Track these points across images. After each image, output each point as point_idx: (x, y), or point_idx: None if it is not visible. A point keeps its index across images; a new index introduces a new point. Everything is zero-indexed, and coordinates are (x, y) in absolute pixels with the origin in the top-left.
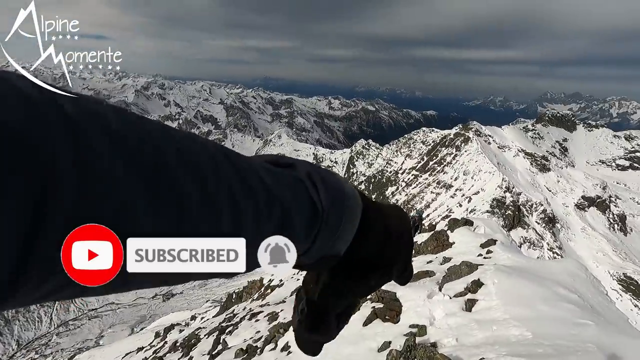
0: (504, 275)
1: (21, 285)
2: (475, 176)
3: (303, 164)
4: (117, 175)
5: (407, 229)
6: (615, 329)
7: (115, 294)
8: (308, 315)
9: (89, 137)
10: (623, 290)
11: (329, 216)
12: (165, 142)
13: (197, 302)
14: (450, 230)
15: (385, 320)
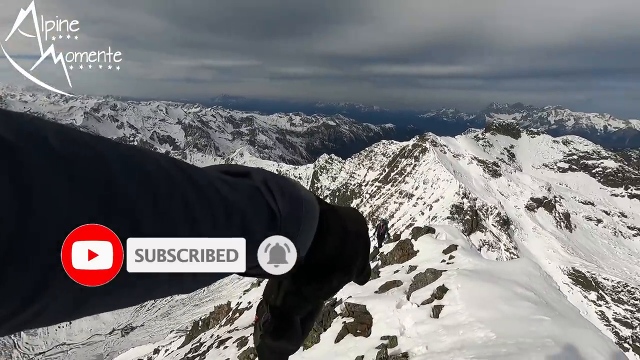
0: (466, 279)
1: None
2: (434, 184)
3: (258, 171)
4: (61, 197)
5: (364, 229)
6: (568, 322)
7: (97, 314)
8: (272, 323)
9: (27, 159)
10: (573, 284)
11: (287, 221)
12: (113, 157)
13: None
14: (414, 239)
15: (356, 335)
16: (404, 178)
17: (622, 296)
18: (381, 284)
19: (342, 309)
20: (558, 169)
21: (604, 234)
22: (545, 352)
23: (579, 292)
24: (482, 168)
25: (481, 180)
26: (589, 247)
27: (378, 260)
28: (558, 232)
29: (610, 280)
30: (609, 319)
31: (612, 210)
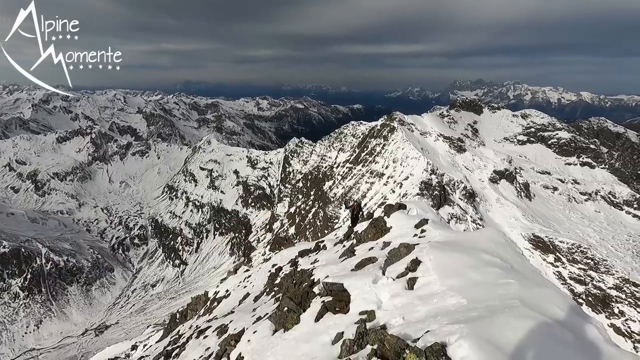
0: (437, 251)
1: None
2: (403, 163)
3: None
4: None
5: None
6: (531, 283)
7: None
8: None
9: None
10: (533, 248)
11: None
12: None
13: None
14: (386, 216)
15: (335, 312)
16: (374, 158)
17: (576, 257)
18: (357, 262)
19: (320, 289)
20: (518, 141)
21: (559, 200)
22: (512, 312)
23: (539, 256)
24: (448, 144)
25: (447, 156)
26: (546, 214)
27: (353, 239)
28: (519, 202)
29: (566, 242)
30: (565, 278)
31: (566, 178)
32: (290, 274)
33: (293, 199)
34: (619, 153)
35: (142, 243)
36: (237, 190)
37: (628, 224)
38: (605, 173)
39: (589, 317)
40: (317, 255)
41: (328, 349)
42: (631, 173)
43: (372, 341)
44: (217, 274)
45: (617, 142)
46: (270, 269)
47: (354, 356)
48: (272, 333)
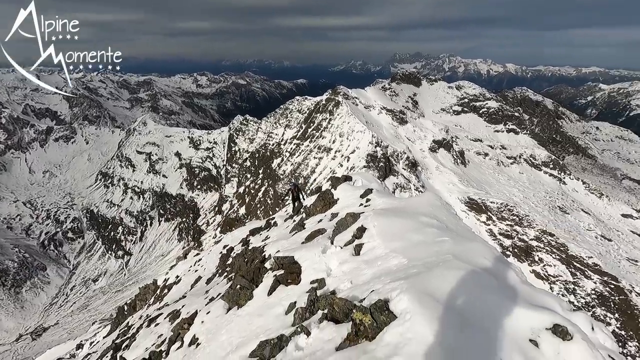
0: (381, 218)
1: None
2: (349, 137)
3: None
4: None
5: None
6: (463, 239)
7: None
8: None
9: None
10: (469, 210)
11: None
12: None
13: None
14: (333, 189)
15: (287, 284)
16: (321, 133)
17: (504, 215)
18: (307, 235)
19: (271, 264)
20: (453, 112)
21: (490, 165)
22: (446, 265)
23: (473, 216)
24: (391, 117)
25: (391, 128)
26: (479, 178)
27: (302, 213)
28: (455, 168)
29: (495, 203)
30: (495, 234)
31: (495, 144)
32: (242, 253)
33: (241, 178)
34: (538, 119)
35: (77, 237)
36: (181, 173)
37: (545, 183)
38: (527, 138)
39: (510, 264)
40: (268, 232)
41: (282, 319)
42: (548, 137)
43: (323, 306)
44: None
45: (536, 109)
46: (222, 251)
47: (306, 322)
48: (225, 311)
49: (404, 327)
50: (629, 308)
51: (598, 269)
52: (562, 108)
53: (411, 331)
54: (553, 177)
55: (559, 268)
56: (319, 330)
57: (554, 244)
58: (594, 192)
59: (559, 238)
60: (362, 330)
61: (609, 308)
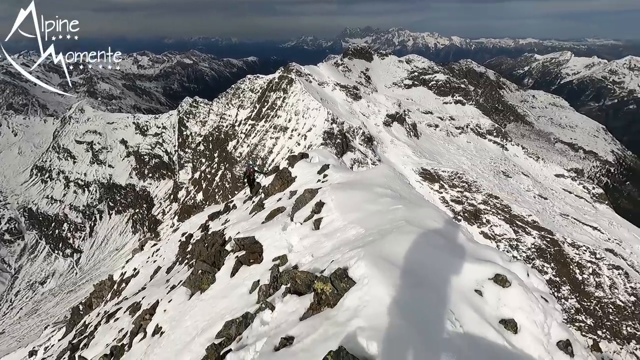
0: (338, 191)
1: None
2: (305, 114)
3: None
4: None
5: None
6: (415, 206)
7: None
8: None
9: None
10: (423, 180)
11: None
12: None
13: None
14: (291, 167)
15: (250, 264)
16: (276, 112)
17: (455, 182)
18: (267, 214)
19: (232, 246)
20: (404, 85)
21: (440, 136)
22: (399, 230)
23: (427, 186)
24: (345, 93)
25: (345, 104)
26: (431, 149)
27: (261, 194)
28: (409, 141)
29: (447, 172)
30: (448, 201)
31: (444, 115)
32: (201, 239)
33: (196, 163)
34: (482, 90)
35: (15, 238)
36: (129, 161)
37: (490, 150)
38: (473, 108)
39: (458, 225)
40: (228, 216)
41: (246, 298)
42: (491, 107)
43: (286, 281)
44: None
45: (480, 80)
46: (181, 238)
47: (270, 298)
48: (188, 298)
49: (362, 291)
50: (562, 257)
51: (536, 225)
52: (503, 78)
53: (369, 294)
54: (496, 144)
55: (503, 227)
56: (283, 304)
57: (499, 206)
58: (531, 156)
59: (503, 200)
60: (324, 299)
61: (546, 259)
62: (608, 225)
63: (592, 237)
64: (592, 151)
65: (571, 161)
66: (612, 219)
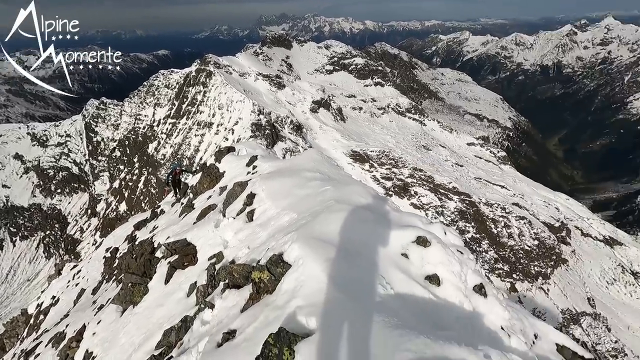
0: (268, 181)
1: None
2: (229, 108)
3: None
4: None
5: None
6: (343, 185)
7: None
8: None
9: None
10: (354, 162)
11: None
12: None
13: None
14: (218, 162)
15: (184, 267)
16: (197, 108)
17: (383, 160)
18: (197, 214)
19: (163, 252)
20: (326, 71)
21: (365, 118)
22: (329, 210)
23: (359, 167)
24: (268, 82)
25: (270, 94)
26: (358, 131)
27: (189, 194)
28: (337, 125)
29: (375, 151)
30: (378, 179)
31: (366, 98)
32: (128, 250)
33: (113, 172)
34: (397, 71)
35: None
36: (29, 178)
37: (410, 127)
38: (391, 89)
39: (383, 198)
40: (156, 222)
41: (184, 303)
42: (407, 86)
43: (223, 277)
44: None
45: (395, 62)
46: (105, 254)
47: (209, 297)
48: (120, 314)
49: (298, 272)
50: (480, 216)
51: (456, 191)
52: (415, 59)
53: (304, 274)
54: (415, 120)
55: (429, 197)
56: (222, 300)
57: (423, 177)
58: (446, 128)
59: (427, 172)
60: (263, 287)
61: (467, 219)
62: (512, 183)
63: (501, 194)
64: (494, 119)
65: (478, 130)
66: (515, 177)
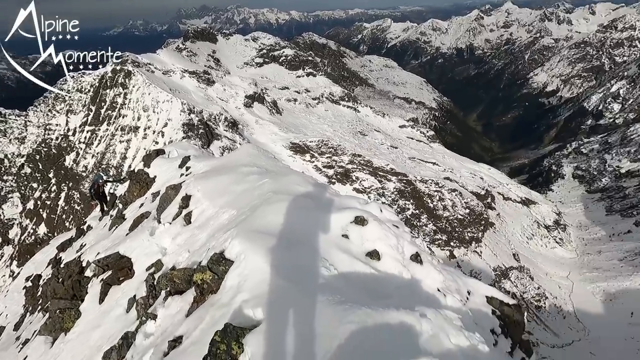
0: (203, 180)
1: None
2: (156, 109)
3: None
4: None
5: None
6: (281, 176)
7: None
8: None
9: None
10: (294, 154)
11: None
12: None
13: None
14: (147, 167)
15: (120, 282)
16: (119, 112)
17: (323, 150)
18: (129, 224)
19: (93, 270)
20: (256, 64)
21: (300, 109)
22: (268, 202)
23: (300, 158)
24: (196, 79)
25: (199, 91)
26: (295, 122)
27: (118, 204)
28: (273, 119)
29: (314, 141)
30: (320, 168)
31: (300, 89)
32: (53, 275)
33: (25, 191)
34: (327, 60)
35: None
36: None
37: (345, 114)
38: (324, 79)
39: (321, 185)
40: (83, 240)
41: (124, 319)
42: (338, 75)
43: (164, 285)
44: None
45: (324, 51)
46: (25, 284)
47: (151, 309)
48: (50, 345)
49: (241, 267)
50: (417, 193)
51: (394, 172)
52: (343, 48)
53: (247, 268)
54: (350, 108)
55: (370, 180)
56: (165, 308)
57: (362, 162)
58: (379, 113)
59: (365, 157)
60: (207, 288)
61: (406, 197)
62: (442, 159)
63: (433, 171)
64: (421, 101)
65: (408, 112)
66: (444, 153)
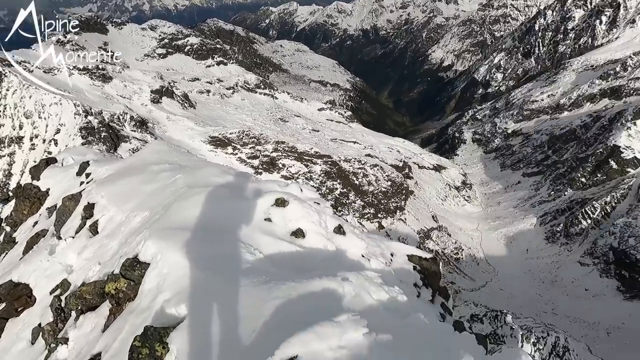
0: (107, 185)
1: None
2: (42, 114)
3: None
4: None
5: None
6: (195, 170)
7: None
8: None
9: None
10: (215, 147)
11: None
12: None
13: None
14: (36, 180)
15: (19, 313)
16: None
17: (245, 140)
18: (23, 247)
19: None
20: (159, 55)
21: (215, 100)
22: (182, 197)
23: (222, 152)
24: (88, 76)
25: (94, 90)
26: (212, 115)
27: (5, 227)
28: (186, 113)
29: (234, 133)
30: (245, 160)
31: (212, 79)
32: None
33: None
34: (237, 48)
35: None
36: None
37: (263, 102)
38: (236, 67)
39: (242, 174)
40: None
41: (28, 352)
42: (250, 62)
43: (74, 305)
44: None
45: (232, 38)
46: None
47: (61, 334)
48: None
49: (158, 267)
50: (343, 172)
51: (319, 155)
52: (252, 33)
53: (166, 266)
54: (267, 95)
55: (297, 166)
56: (77, 329)
57: (287, 149)
58: (296, 99)
59: (289, 143)
60: (123, 297)
61: (333, 178)
62: (361, 137)
63: (355, 149)
64: (336, 83)
65: (325, 95)
66: (362, 132)
